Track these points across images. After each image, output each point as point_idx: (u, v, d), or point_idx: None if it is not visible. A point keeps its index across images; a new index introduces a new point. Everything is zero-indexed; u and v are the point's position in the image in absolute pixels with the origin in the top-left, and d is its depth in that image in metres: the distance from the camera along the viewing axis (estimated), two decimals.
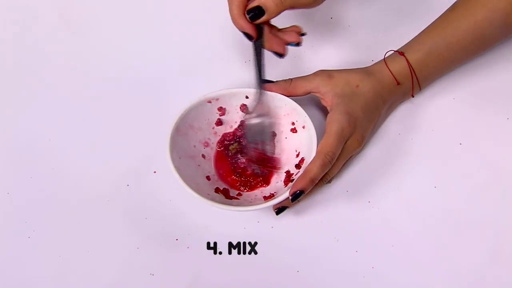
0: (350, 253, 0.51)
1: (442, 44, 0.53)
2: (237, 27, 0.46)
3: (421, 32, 0.55)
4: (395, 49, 0.55)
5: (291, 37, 0.49)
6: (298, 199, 0.47)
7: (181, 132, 0.51)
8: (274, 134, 0.54)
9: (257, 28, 0.47)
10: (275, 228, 0.53)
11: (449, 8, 0.54)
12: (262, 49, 0.48)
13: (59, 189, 0.55)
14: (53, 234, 0.53)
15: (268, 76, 0.54)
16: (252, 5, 0.45)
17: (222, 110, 0.54)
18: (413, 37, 0.55)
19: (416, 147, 0.56)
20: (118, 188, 0.55)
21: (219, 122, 0.55)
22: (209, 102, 0.53)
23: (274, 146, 0.54)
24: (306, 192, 0.47)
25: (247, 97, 0.54)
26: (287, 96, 0.53)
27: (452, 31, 0.52)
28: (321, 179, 0.49)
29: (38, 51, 0.63)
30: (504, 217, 0.52)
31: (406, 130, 0.57)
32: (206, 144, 0.54)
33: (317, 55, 0.61)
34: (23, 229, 0.53)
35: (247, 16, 0.45)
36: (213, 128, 0.55)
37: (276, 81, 0.53)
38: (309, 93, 0.53)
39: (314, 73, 0.53)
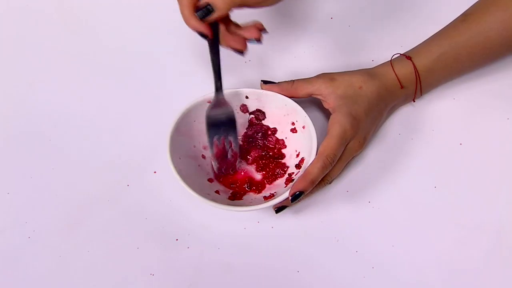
0: (350, 253, 0.51)
1: (451, 54, 0.53)
2: (190, 27, 0.45)
3: (429, 39, 0.55)
4: (400, 52, 0.55)
5: (251, 33, 0.47)
6: (298, 199, 0.47)
7: (181, 132, 0.51)
8: (235, 130, 0.52)
9: (212, 26, 0.45)
10: (275, 228, 0.53)
11: (460, 18, 0.54)
12: (218, 46, 0.47)
13: (59, 189, 0.55)
14: (53, 234, 0.53)
15: (268, 76, 0.54)
16: (200, 3, 0.44)
17: None
18: (413, 37, 0.55)
19: (416, 147, 0.56)
20: (118, 188, 0.55)
21: None
22: (209, 102, 0.53)
23: (237, 142, 0.53)
24: (306, 193, 0.47)
25: (247, 97, 0.54)
26: (288, 98, 0.53)
27: (463, 43, 0.52)
28: (322, 180, 0.49)
29: (38, 51, 0.63)
30: (504, 217, 0.52)
31: (406, 130, 0.57)
32: (206, 145, 0.54)
33: (317, 55, 0.61)
34: (23, 229, 0.53)
35: (196, 15, 0.44)
36: None
37: (278, 82, 0.53)
38: (310, 95, 0.53)
39: (316, 76, 0.53)
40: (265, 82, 0.53)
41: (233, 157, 0.53)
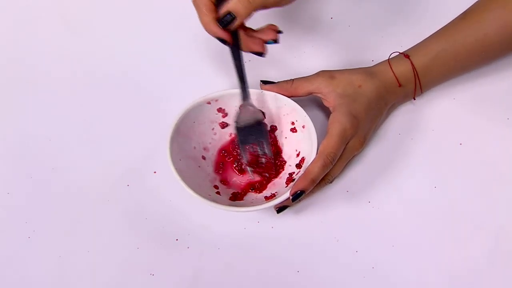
0: (350, 253, 0.52)
1: (449, 51, 0.53)
2: (210, 34, 0.46)
3: (429, 37, 0.55)
4: (399, 51, 0.55)
5: (268, 35, 0.48)
6: (299, 199, 0.47)
7: (181, 133, 0.51)
8: (267, 134, 0.53)
9: (232, 33, 0.46)
10: (275, 228, 0.53)
11: (460, 16, 0.54)
12: (240, 52, 0.48)
13: (59, 189, 0.55)
14: (53, 234, 0.53)
15: (268, 77, 0.54)
16: (222, 12, 0.44)
17: (221, 111, 0.54)
18: (413, 36, 0.55)
19: (416, 147, 0.56)
20: (118, 188, 0.55)
21: (219, 124, 0.55)
22: (209, 103, 0.53)
23: (269, 146, 0.53)
24: (306, 192, 0.47)
25: None
26: (288, 97, 0.53)
27: (462, 40, 0.52)
28: (323, 179, 0.49)
29: (38, 51, 0.62)
30: (504, 217, 0.52)
31: (406, 130, 0.57)
32: (206, 146, 0.54)
33: (317, 55, 0.61)
34: (23, 229, 0.53)
35: (219, 25, 0.45)
36: (212, 129, 0.55)
37: (277, 81, 0.53)
38: (310, 94, 0.53)
39: (315, 73, 0.53)
40: (264, 82, 0.53)
41: (267, 162, 0.53)
